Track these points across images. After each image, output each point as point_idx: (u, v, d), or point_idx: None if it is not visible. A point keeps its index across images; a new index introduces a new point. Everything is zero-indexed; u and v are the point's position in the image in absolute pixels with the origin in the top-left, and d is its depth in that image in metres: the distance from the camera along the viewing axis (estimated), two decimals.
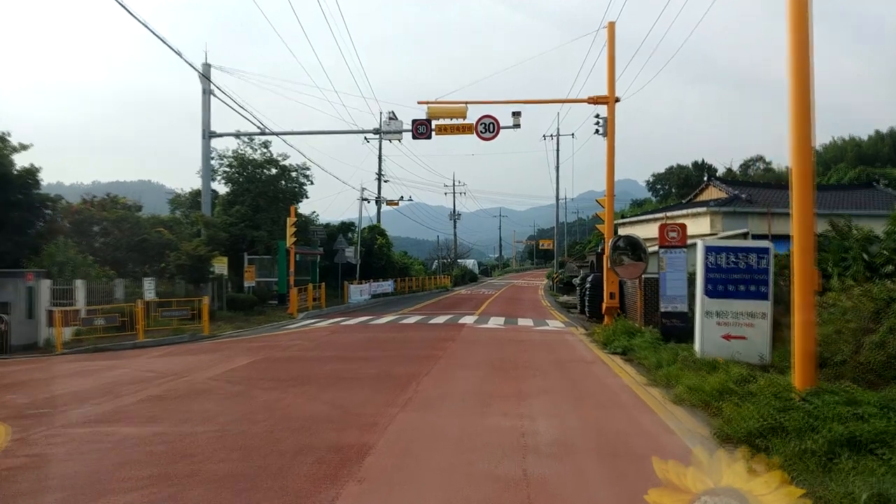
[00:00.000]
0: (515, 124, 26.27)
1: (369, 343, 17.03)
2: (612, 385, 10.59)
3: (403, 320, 23.92)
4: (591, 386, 10.57)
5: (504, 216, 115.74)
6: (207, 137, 26.83)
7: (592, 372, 12.06)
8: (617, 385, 10.58)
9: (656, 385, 10.40)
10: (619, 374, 11.59)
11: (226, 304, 27.24)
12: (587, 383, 10.82)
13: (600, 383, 10.80)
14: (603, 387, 10.48)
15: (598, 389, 10.25)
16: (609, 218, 19.93)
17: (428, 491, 5.46)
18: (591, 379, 11.29)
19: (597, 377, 11.43)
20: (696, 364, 11.13)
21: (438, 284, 54.45)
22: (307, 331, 21.24)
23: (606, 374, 11.80)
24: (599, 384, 10.72)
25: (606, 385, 10.62)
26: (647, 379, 10.95)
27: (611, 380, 11.12)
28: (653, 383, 10.55)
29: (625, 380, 11.02)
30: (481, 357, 13.97)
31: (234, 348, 17.00)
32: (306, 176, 34.63)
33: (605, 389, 10.22)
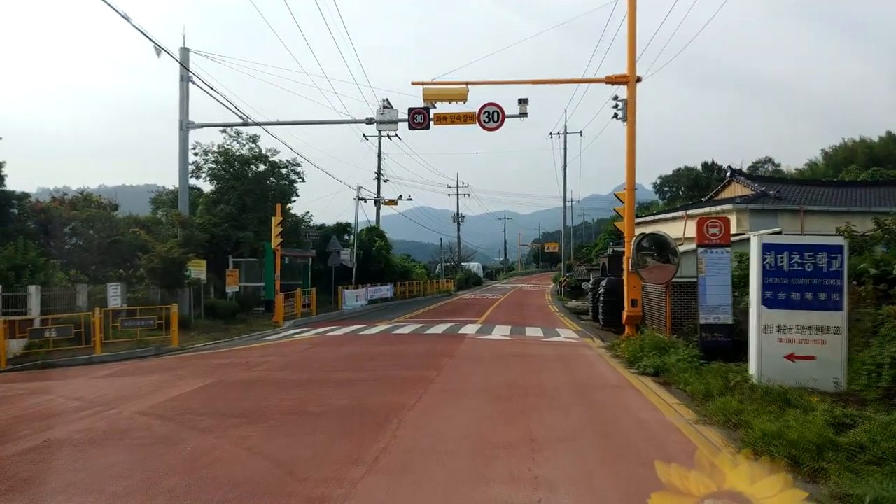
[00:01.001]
0: (522, 113, 23.81)
1: (352, 359, 14.58)
2: (653, 424, 8.09)
3: (398, 330, 21.47)
4: (627, 426, 8.06)
5: (509, 219, 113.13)
6: (185, 129, 24.46)
7: (623, 402, 9.57)
8: (659, 424, 8.08)
9: (710, 423, 7.93)
10: (657, 407, 9.09)
11: (203, 312, 24.82)
12: (621, 421, 8.31)
13: (637, 421, 8.30)
14: (641, 426, 7.98)
15: (636, 431, 7.75)
16: (629, 214, 17.45)
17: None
18: (624, 414, 8.79)
19: (631, 411, 8.92)
20: (758, 394, 8.67)
21: (441, 289, 51.97)
22: (286, 343, 18.80)
23: (641, 405, 9.30)
24: (636, 422, 8.21)
25: (645, 423, 8.12)
26: (696, 414, 8.45)
27: (649, 415, 8.62)
28: (706, 421, 8.07)
29: (667, 415, 8.53)
30: (482, 380, 11.49)
31: (195, 366, 14.57)
32: (297, 173, 32.23)
33: (646, 431, 7.73)
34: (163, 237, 26.54)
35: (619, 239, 56.05)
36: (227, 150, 30.59)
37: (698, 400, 9.27)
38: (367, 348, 16.62)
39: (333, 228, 37.62)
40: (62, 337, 17.72)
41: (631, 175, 17.56)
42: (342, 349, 16.62)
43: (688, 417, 8.29)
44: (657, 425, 8.01)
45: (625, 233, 17.41)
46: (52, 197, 27.36)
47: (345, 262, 34.80)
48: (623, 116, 17.76)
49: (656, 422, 8.20)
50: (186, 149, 24.54)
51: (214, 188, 31.53)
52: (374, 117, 24.30)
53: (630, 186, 17.53)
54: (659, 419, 8.33)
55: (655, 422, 8.20)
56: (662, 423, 8.10)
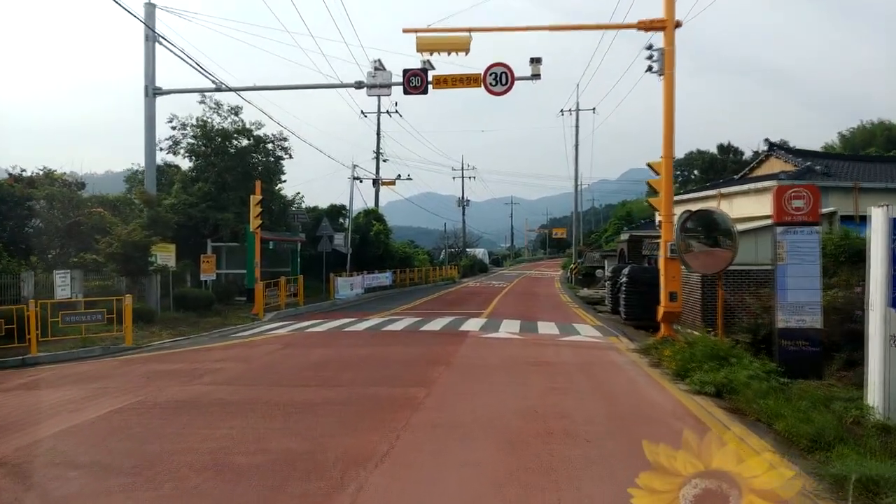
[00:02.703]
0: (534, 74, 20.75)
1: (324, 367, 11.64)
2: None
3: (390, 325, 18.54)
4: None
5: (516, 204, 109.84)
6: (151, 95, 21.48)
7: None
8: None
9: (842, 499, 4.98)
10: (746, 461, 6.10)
11: (174, 303, 21.94)
12: None
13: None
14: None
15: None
16: (667, 187, 14.41)
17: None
18: None
19: None
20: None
21: (444, 276, 48.97)
22: (255, 342, 15.91)
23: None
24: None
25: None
26: (814, 481, 5.47)
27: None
28: (833, 491, 5.12)
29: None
30: (487, 405, 8.53)
31: (130, 374, 11.69)
32: (284, 149, 29.19)
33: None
34: (131, 218, 23.64)
35: (630, 225, 53.04)
36: (206, 122, 27.58)
37: (800, 444, 6.33)
38: (346, 351, 13.70)
39: (325, 211, 34.62)
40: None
41: (669, 140, 14.52)
42: (316, 352, 13.70)
43: (808, 485, 5.32)
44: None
45: (661, 210, 14.39)
46: (7, 174, 24.47)
47: (338, 248, 31.85)
48: (659, 69, 14.69)
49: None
50: (153, 117, 21.58)
51: (192, 165, 28.57)
52: (365, 81, 21.25)
53: (668, 154, 14.49)
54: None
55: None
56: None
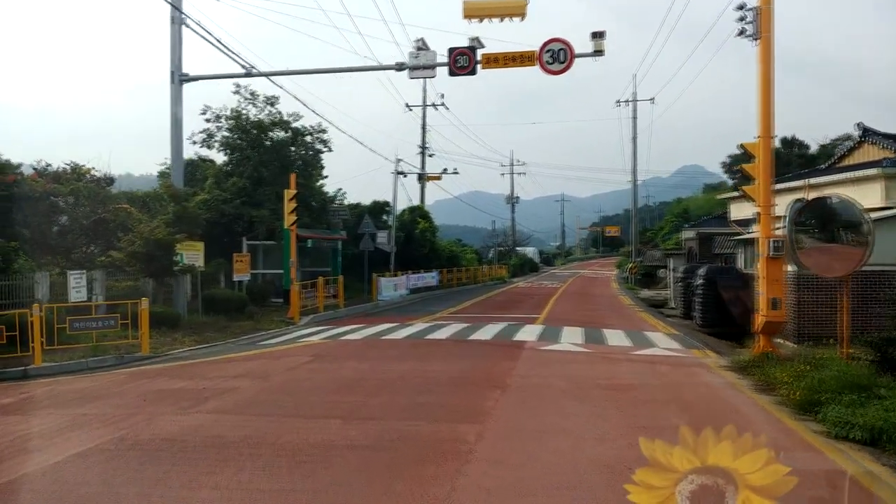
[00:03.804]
0: (597, 50, 18.51)
1: (353, 389, 9.63)
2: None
3: (434, 332, 16.49)
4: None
5: (567, 201, 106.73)
6: (177, 82, 19.92)
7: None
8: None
9: None
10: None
11: (202, 306, 20.33)
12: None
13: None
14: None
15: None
16: (765, 172, 11.99)
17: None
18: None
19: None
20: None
21: (493, 276, 46.70)
22: (282, 352, 14.06)
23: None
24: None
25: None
26: None
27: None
28: None
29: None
30: (559, 454, 6.37)
31: (128, 394, 9.91)
32: (323, 141, 27.38)
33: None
34: (160, 215, 22.17)
35: (687, 222, 49.88)
36: (241, 113, 25.98)
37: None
38: (383, 365, 11.68)
39: (368, 207, 32.74)
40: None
41: (767, 116, 12.10)
42: (348, 366, 11.72)
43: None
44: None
45: (758, 200, 11.96)
46: (33, 170, 23.24)
47: (381, 246, 29.97)
48: (753, 32, 12.29)
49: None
50: (179, 106, 20.00)
51: (227, 159, 27.04)
52: (406, 62, 19.27)
53: (766, 132, 12.06)
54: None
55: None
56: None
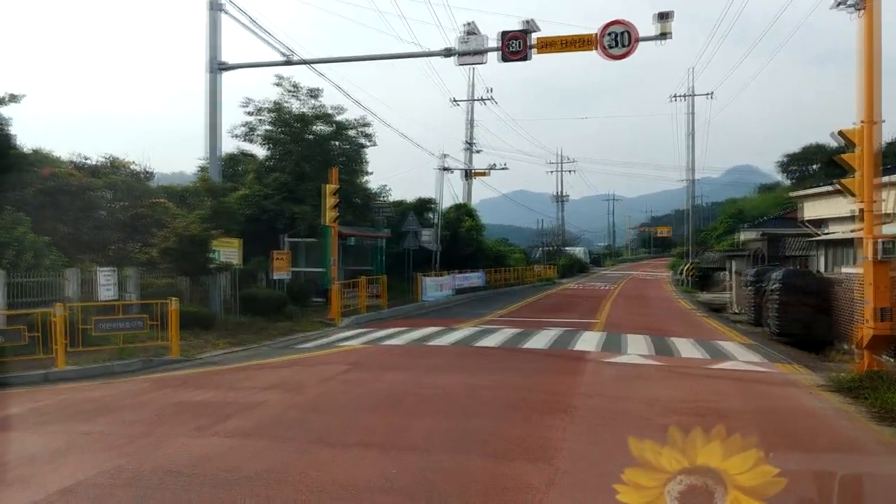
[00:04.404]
0: (662, 33, 16.96)
1: (392, 409, 8.36)
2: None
3: (484, 338, 15.17)
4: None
5: (622, 198, 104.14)
6: (215, 71, 19.01)
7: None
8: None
9: None
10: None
11: (239, 306, 19.39)
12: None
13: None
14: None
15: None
16: (868, 163, 10.35)
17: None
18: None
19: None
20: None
21: (542, 276, 45.09)
22: (318, 359, 12.91)
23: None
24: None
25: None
26: None
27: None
28: None
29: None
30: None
31: (145, 407, 8.85)
32: (367, 135, 26.32)
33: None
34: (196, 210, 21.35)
35: (740, 223, 47.50)
36: (283, 106, 25.05)
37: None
38: (427, 378, 10.39)
39: (413, 205, 31.57)
40: (12, 343, 12.53)
41: (871, 98, 10.46)
42: (388, 378, 10.48)
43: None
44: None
45: (862, 196, 10.32)
46: (71, 163, 22.68)
47: (426, 245, 28.79)
48: (856, 2, 10.66)
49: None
50: (216, 96, 19.08)
51: (269, 154, 26.17)
52: (455, 47, 18.00)
53: (870, 118, 10.42)
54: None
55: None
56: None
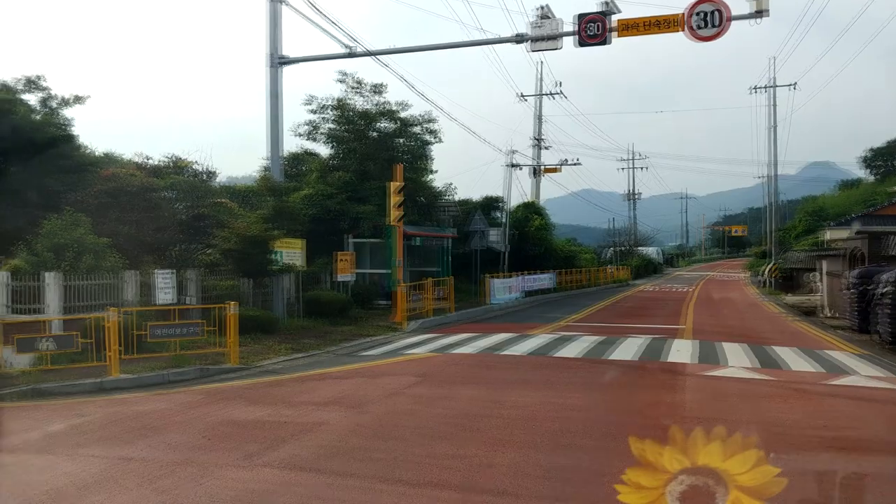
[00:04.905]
0: (757, 11, 15.40)
1: (468, 437, 7.21)
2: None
3: (562, 347, 13.89)
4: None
5: (692, 197, 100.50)
6: (276, 65, 18.33)
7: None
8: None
9: None
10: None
11: (303, 309, 18.64)
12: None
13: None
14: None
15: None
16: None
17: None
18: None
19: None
20: None
21: (614, 277, 43.25)
22: (383, 368, 11.89)
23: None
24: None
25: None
26: None
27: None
28: None
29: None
30: None
31: (192, 426, 7.97)
32: (432, 131, 25.32)
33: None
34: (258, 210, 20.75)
35: (821, 221, 44.47)
36: (346, 103, 24.28)
37: None
38: (505, 395, 9.20)
39: (479, 204, 30.39)
40: (64, 350, 11.97)
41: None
42: (461, 395, 9.34)
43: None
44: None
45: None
46: (134, 163, 22.42)
47: (493, 245, 27.62)
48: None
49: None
50: (277, 91, 18.40)
51: (332, 152, 25.46)
52: (527, 33, 16.77)
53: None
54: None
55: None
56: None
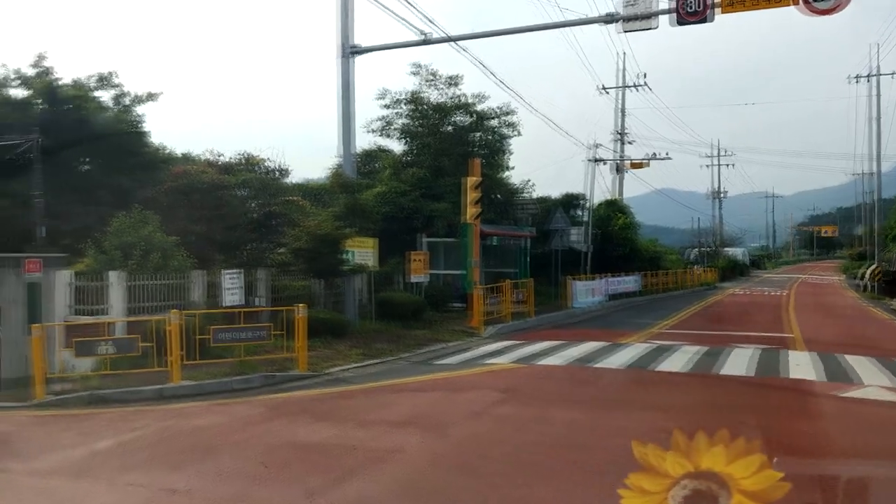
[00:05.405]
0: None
1: (572, 474, 5.93)
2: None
3: (662, 359, 12.39)
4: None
5: (779, 196, 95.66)
6: (347, 55, 17.44)
7: None
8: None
9: None
10: None
11: (375, 311, 17.69)
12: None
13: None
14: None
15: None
16: None
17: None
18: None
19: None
20: None
21: (700, 280, 40.91)
22: (463, 381, 10.73)
23: None
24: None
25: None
26: None
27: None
28: None
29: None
30: None
31: (249, 448, 6.99)
32: (511, 124, 24.02)
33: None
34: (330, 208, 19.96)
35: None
36: (419, 97, 23.28)
37: None
38: (605, 419, 7.88)
39: (559, 201, 28.86)
40: (124, 354, 11.31)
41: None
42: (555, 417, 8.05)
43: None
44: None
45: None
46: (206, 160, 22.02)
47: (575, 245, 26.12)
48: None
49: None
50: (348, 83, 17.49)
51: (406, 148, 24.51)
52: (618, 12, 15.34)
53: None
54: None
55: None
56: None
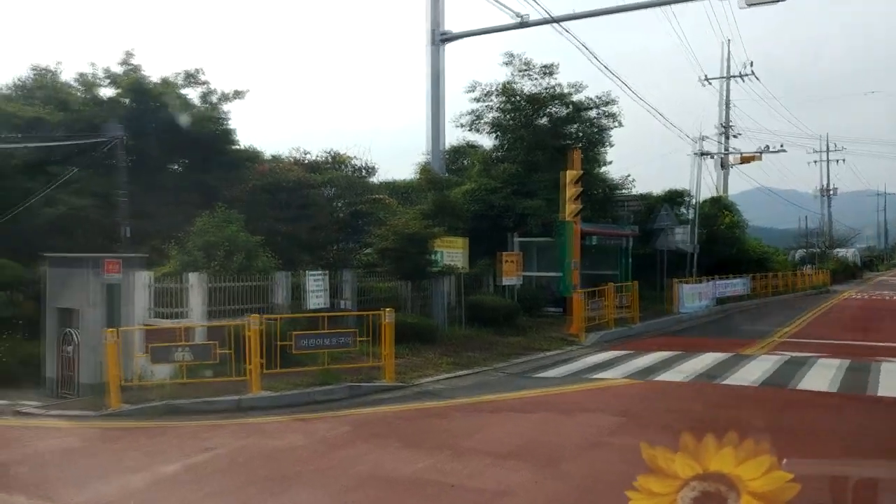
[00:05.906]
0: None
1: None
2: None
3: (801, 376, 10.65)
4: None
5: (891, 194, 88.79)
6: (438, 42, 16.43)
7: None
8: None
9: None
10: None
11: (465, 316, 16.52)
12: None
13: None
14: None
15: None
16: None
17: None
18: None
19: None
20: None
21: (811, 283, 37.85)
22: (569, 400, 9.41)
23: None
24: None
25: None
26: None
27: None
28: None
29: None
30: None
31: (326, 486, 5.98)
32: (611, 115, 22.36)
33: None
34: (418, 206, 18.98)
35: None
36: (511, 88, 21.97)
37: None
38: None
39: (661, 197, 26.90)
40: (201, 362, 10.56)
41: None
42: None
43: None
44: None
45: None
46: (292, 158, 21.46)
47: (680, 245, 24.18)
48: None
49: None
50: (439, 71, 16.48)
51: (497, 143, 23.27)
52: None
53: None
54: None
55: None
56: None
